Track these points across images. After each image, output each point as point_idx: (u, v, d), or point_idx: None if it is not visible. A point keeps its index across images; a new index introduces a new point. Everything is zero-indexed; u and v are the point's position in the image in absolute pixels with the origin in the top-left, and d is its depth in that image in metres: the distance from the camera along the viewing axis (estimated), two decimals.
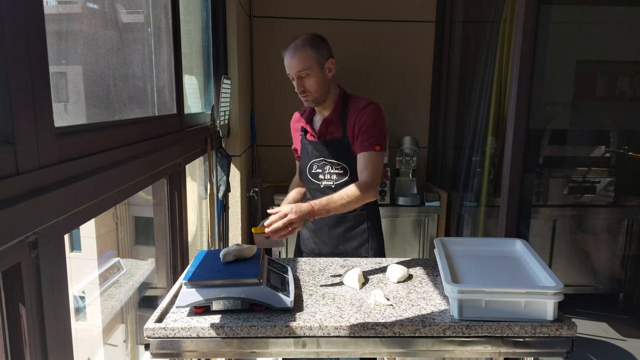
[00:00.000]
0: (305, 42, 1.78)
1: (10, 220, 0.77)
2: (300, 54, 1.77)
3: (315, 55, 1.78)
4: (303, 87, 1.81)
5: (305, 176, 1.98)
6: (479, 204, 3.17)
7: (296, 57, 1.77)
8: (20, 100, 0.83)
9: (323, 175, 1.92)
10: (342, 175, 1.89)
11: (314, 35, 1.83)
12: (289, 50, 1.80)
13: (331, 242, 1.97)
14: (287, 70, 1.82)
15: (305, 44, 1.78)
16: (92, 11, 1.36)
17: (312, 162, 1.94)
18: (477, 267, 1.56)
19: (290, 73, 1.81)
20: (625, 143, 3.27)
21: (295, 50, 1.78)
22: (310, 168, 1.95)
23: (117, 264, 2.26)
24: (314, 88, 1.80)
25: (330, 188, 1.91)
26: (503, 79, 2.99)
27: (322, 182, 1.93)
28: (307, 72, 1.78)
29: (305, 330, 1.30)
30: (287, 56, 1.80)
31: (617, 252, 3.37)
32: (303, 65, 1.77)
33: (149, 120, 1.67)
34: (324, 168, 1.91)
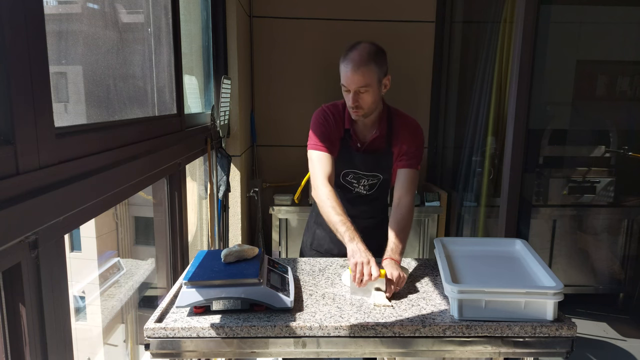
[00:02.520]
0: (371, 56, 1.66)
1: (10, 220, 0.77)
2: (364, 69, 1.64)
3: (378, 71, 1.67)
4: (358, 102, 1.69)
5: (337, 180, 1.88)
6: (479, 204, 3.17)
7: (360, 72, 1.64)
8: (20, 100, 0.83)
9: (357, 184, 1.89)
10: (375, 185, 1.90)
11: (378, 48, 1.72)
12: (350, 62, 1.65)
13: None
14: (345, 82, 1.68)
15: (370, 59, 1.65)
16: (92, 11, 1.36)
17: (347, 170, 1.87)
18: (477, 267, 1.56)
19: (349, 87, 1.68)
20: (625, 143, 3.27)
21: (360, 64, 1.64)
22: (345, 175, 1.89)
23: (117, 264, 2.26)
24: (367, 104, 1.70)
25: (361, 196, 1.90)
26: (503, 79, 2.99)
27: (355, 189, 1.90)
28: (367, 89, 1.66)
29: (305, 330, 1.30)
30: (349, 68, 1.65)
31: (617, 252, 3.37)
32: (365, 81, 1.65)
33: (149, 120, 1.67)
34: (360, 180, 1.88)
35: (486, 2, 3.31)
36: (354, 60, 1.65)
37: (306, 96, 3.48)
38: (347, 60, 1.67)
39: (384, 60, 1.73)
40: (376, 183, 1.89)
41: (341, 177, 1.90)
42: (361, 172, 1.87)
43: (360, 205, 1.92)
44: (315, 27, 3.44)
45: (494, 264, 1.60)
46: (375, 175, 1.88)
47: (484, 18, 3.33)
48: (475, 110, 3.21)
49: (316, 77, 3.46)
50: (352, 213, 1.91)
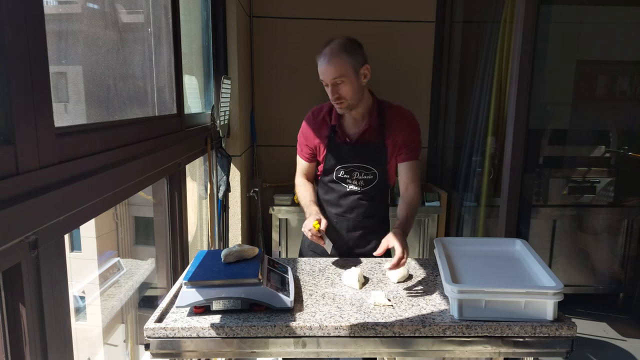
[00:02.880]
0: (341, 47, 1.71)
1: (10, 220, 0.77)
2: (335, 60, 1.70)
3: (351, 61, 1.71)
4: (338, 94, 1.74)
5: (330, 178, 1.92)
6: (479, 204, 3.17)
7: (332, 63, 1.70)
8: (20, 100, 0.83)
9: (351, 180, 1.89)
10: (371, 181, 1.88)
11: (350, 39, 1.75)
12: (323, 56, 1.73)
13: (347, 244, 1.95)
14: (321, 76, 1.75)
15: (340, 50, 1.70)
16: (92, 11, 1.36)
17: (341, 165, 1.88)
18: (477, 267, 1.56)
19: (325, 80, 1.74)
20: (625, 143, 3.27)
21: (331, 56, 1.70)
22: (337, 172, 1.90)
23: (117, 264, 2.26)
24: (349, 95, 1.74)
25: (355, 193, 1.89)
26: (503, 79, 2.99)
27: (349, 187, 1.89)
28: (343, 79, 1.71)
29: (305, 330, 1.30)
30: (322, 62, 1.73)
31: (617, 252, 3.37)
32: (339, 72, 1.70)
33: (149, 120, 1.67)
34: (352, 174, 1.88)
35: (486, 2, 3.31)
36: (325, 54, 1.73)
37: (306, 96, 3.47)
38: (320, 56, 1.75)
39: (358, 51, 1.76)
40: (371, 180, 1.88)
41: (334, 175, 1.91)
42: (351, 164, 1.87)
43: (356, 203, 1.90)
44: (315, 27, 3.44)
45: (494, 264, 1.60)
46: (369, 169, 1.86)
47: (484, 18, 3.33)
48: (475, 110, 3.21)
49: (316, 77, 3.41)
50: (348, 212, 1.91)
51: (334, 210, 1.95)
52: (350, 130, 1.88)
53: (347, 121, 1.89)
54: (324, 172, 1.95)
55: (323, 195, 1.99)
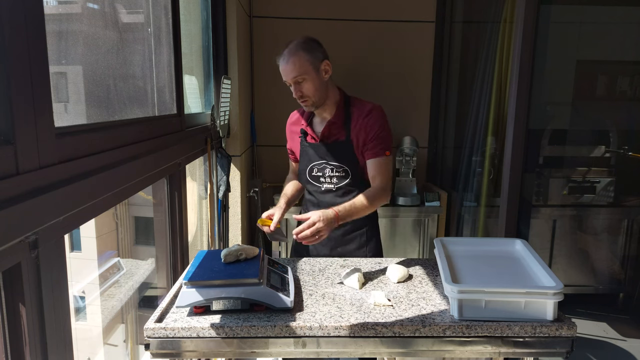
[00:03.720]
0: (298, 46, 1.76)
1: (10, 220, 0.77)
2: (293, 59, 1.75)
3: (310, 58, 1.76)
4: (301, 92, 1.79)
5: (305, 178, 1.97)
6: (479, 204, 3.17)
7: (290, 62, 1.75)
8: (20, 100, 0.83)
9: (324, 178, 1.91)
10: (344, 178, 1.89)
11: (307, 38, 1.80)
12: (282, 57, 1.78)
13: (329, 244, 1.96)
14: (283, 76, 1.80)
15: (298, 49, 1.76)
16: (92, 11, 1.36)
17: (312, 164, 1.93)
18: (477, 267, 1.56)
19: (287, 79, 1.79)
20: (625, 143, 3.27)
21: (289, 55, 1.76)
22: (310, 171, 1.94)
23: (117, 264, 2.26)
24: (311, 92, 1.79)
25: (331, 191, 1.91)
26: (503, 79, 2.99)
27: (323, 185, 1.92)
28: (303, 77, 1.76)
29: (305, 330, 1.30)
30: (282, 63, 1.78)
31: (617, 252, 3.37)
32: (298, 70, 1.75)
33: (149, 120, 1.67)
34: (324, 171, 1.91)
35: (486, 2, 3.31)
36: (284, 54, 1.80)
37: None
38: (280, 57, 1.80)
39: (315, 48, 1.79)
40: (344, 176, 1.89)
41: (308, 174, 1.95)
42: (321, 162, 1.90)
43: (333, 201, 1.89)
44: (315, 27, 3.44)
45: (494, 264, 1.60)
46: (339, 166, 1.88)
47: (484, 18, 3.33)
48: (475, 110, 3.21)
49: None
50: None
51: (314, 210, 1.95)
52: (317, 128, 1.93)
53: (316, 120, 1.94)
54: (300, 173, 2.00)
55: (306, 195, 2.04)
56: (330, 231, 1.67)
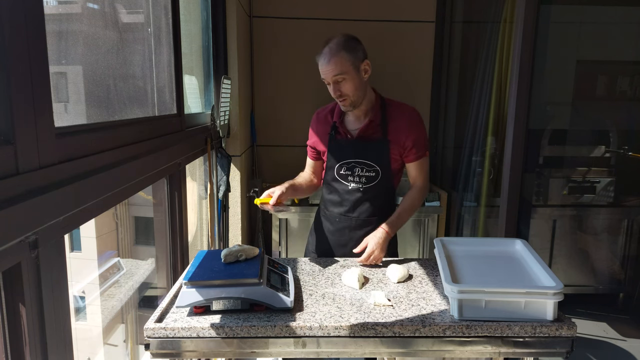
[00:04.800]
0: (340, 45, 1.73)
1: (10, 220, 0.77)
2: (335, 58, 1.71)
3: (351, 58, 1.73)
4: (340, 92, 1.76)
5: (332, 176, 1.93)
6: (479, 204, 3.16)
7: (332, 62, 1.71)
8: (20, 100, 0.83)
9: (352, 177, 1.89)
10: (373, 178, 1.88)
11: (348, 36, 1.77)
12: (323, 55, 1.74)
13: (349, 243, 1.94)
14: (323, 75, 1.77)
15: (340, 48, 1.72)
16: (92, 11, 1.36)
17: (341, 162, 1.90)
18: (477, 267, 1.56)
19: (326, 78, 1.76)
20: (625, 143, 3.26)
21: (331, 55, 1.72)
22: (339, 169, 1.91)
23: (117, 264, 2.26)
24: (351, 91, 1.76)
25: (358, 190, 1.89)
26: (503, 79, 2.99)
27: (351, 184, 1.90)
28: (344, 77, 1.73)
29: (305, 330, 1.30)
30: (322, 61, 1.74)
31: (617, 252, 3.37)
32: (339, 69, 1.71)
33: (149, 120, 1.67)
34: (354, 170, 1.88)
35: (486, 2, 3.30)
36: (324, 53, 1.75)
37: (306, 96, 3.48)
38: (320, 55, 1.77)
39: (357, 47, 1.78)
40: (374, 177, 1.87)
41: (336, 172, 1.92)
42: (353, 160, 1.88)
43: (358, 202, 1.90)
44: (315, 27, 3.44)
45: (494, 264, 1.60)
46: (371, 166, 1.86)
47: (484, 18, 3.33)
48: (475, 110, 3.21)
49: (316, 77, 3.42)
50: (351, 210, 1.91)
51: (337, 210, 1.95)
52: (351, 126, 1.90)
53: (350, 118, 1.91)
54: (326, 171, 1.96)
55: (327, 195, 2.00)
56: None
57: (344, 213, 1.93)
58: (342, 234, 1.96)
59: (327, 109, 1.98)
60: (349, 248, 1.94)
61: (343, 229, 1.95)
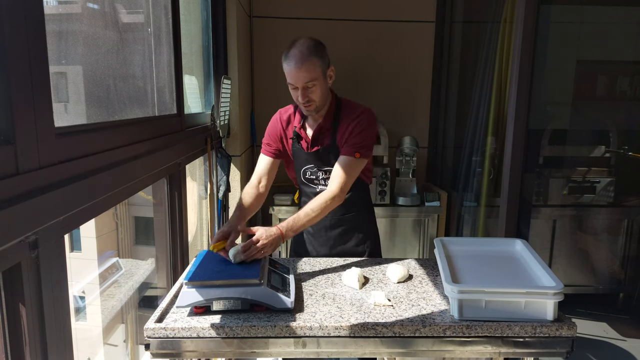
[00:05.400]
0: (310, 50, 1.68)
1: (10, 220, 0.77)
2: (307, 64, 1.66)
3: (321, 64, 1.70)
4: (308, 97, 1.72)
5: (300, 180, 1.95)
6: (479, 204, 3.16)
7: (304, 68, 1.66)
8: (20, 100, 0.83)
9: (317, 181, 1.90)
10: None
11: (317, 42, 1.73)
12: (293, 59, 1.67)
13: (328, 243, 1.96)
14: (291, 80, 1.71)
15: (310, 53, 1.67)
16: (92, 11, 1.36)
17: (305, 168, 1.91)
18: (477, 267, 1.56)
19: (296, 83, 1.70)
20: (625, 143, 3.26)
21: (302, 60, 1.66)
22: (304, 173, 1.92)
23: (115, 264, 2.26)
24: (318, 97, 1.73)
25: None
26: (503, 79, 2.99)
27: (318, 187, 1.91)
28: (314, 83, 1.69)
29: (305, 330, 1.30)
30: (292, 65, 1.67)
31: (617, 252, 3.37)
32: (311, 76, 1.68)
33: (149, 120, 1.67)
34: (317, 174, 1.90)
35: (486, 2, 3.30)
36: (295, 57, 1.67)
37: None
38: (289, 59, 1.69)
39: (325, 52, 1.75)
40: None
41: (302, 176, 1.93)
42: (312, 166, 1.89)
43: None
44: (315, 27, 3.43)
45: (494, 264, 1.60)
46: (330, 170, 1.84)
47: (484, 18, 3.33)
48: (475, 110, 3.21)
49: None
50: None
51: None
52: (309, 132, 1.89)
53: (309, 122, 1.90)
54: (296, 174, 1.98)
55: (302, 197, 2.02)
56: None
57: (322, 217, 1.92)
58: (320, 234, 1.97)
59: (290, 111, 1.93)
60: (328, 248, 1.95)
61: (320, 230, 1.96)
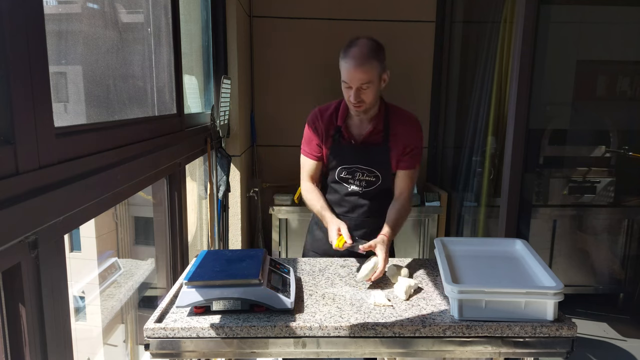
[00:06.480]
0: (372, 52, 1.67)
1: (10, 220, 0.77)
2: (368, 66, 1.65)
3: (379, 68, 1.69)
4: (360, 98, 1.70)
5: (333, 178, 1.92)
6: (479, 204, 3.17)
7: (362, 69, 1.65)
8: (20, 100, 0.83)
9: (352, 180, 1.88)
10: (373, 183, 1.87)
11: (378, 44, 1.72)
12: (352, 58, 1.65)
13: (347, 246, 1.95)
14: (347, 79, 1.68)
15: (371, 55, 1.66)
16: (92, 11, 1.36)
17: (342, 166, 1.88)
18: (477, 267, 1.56)
19: (351, 83, 1.68)
20: (625, 143, 3.27)
21: (363, 61, 1.65)
22: (339, 172, 1.90)
23: (115, 264, 2.26)
24: (369, 99, 1.72)
25: (357, 193, 1.89)
26: (503, 79, 2.99)
27: (350, 187, 1.89)
28: (369, 85, 1.69)
29: (305, 330, 1.30)
30: (351, 64, 1.65)
31: (617, 252, 3.37)
32: (368, 78, 1.66)
33: (149, 120, 1.67)
34: (354, 174, 1.88)
35: (486, 2, 3.31)
36: (355, 57, 1.65)
37: (306, 96, 3.47)
38: (348, 57, 1.67)
39: (384, 56, 1.74)
40: (374, 182, 1.87)
41: (336, 175, 1.91)
42: (354, 165, 1.87)
43: (357, 203, 1.90)
44: (315, 27, 3.44)
45: (494, 264, 1.59)
46: (371, 171, 1.86)
47: (484, 18, 3.33)
48: (475, 110, 3.21)
49: (316, 77, 3.46)
50: (350, 211, 1.91)
51: (336, 210, 1.95)
52: (355, 131, 1.87)
53: (354, 122, 1.87)
54: (326, 173, 1.95)
55: (327, 195, 1.98)
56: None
57: (343, 213, 1.93)
58: None
59: (330, 108, 1.90)
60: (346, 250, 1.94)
61: None
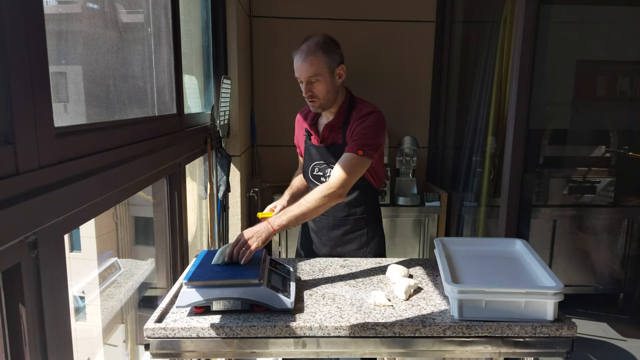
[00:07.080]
0: (318, 45, 1.71)
1: (10, 220, 0.77)
2: (312, 58, 1.71)
3: (327, 60, 1.72)
4: (311, 92, 1.76)
5: (307, 177, 1.98)
6: (479, 204, 3.17)
7: (307, 61, 1.71)
8: (20, 100, 0.83)
9: (325, 178, 1.90)
10: None
11: (327, 38, 1.76)
12: (300, 52, 1.73)
13: (329, 243, 1.97)
14: (297, 73, 1.77)
15: (317, 48, 1.71)
16: (92, 11, 1.36)
17: (313, 164, 1.94)
18: (477, 267, 1.56)
19: (300, 77, 1.76)
20: (625, 143, 3.27)
21: (307, 53, 1.71)
22: (312, 170, 1.94)
23: (114, 264, 2.26)
24: (322, 94, 1.76)
25: None
26: (503, 79, 2.99)
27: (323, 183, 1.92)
28: (317, 78, 1.72)
29: (305, 330, 1.30)
30: (298, 58, 1.74)
31: (617, 252, 3.37)
32: (314, 70, 1.71)
33: (149, 120, 1.67)
34: (325, 171, 1.91)
35: (486, 2, 3.31)
36: (302, 51, 1.74)
37: None
38: (296, 52, 1.76)
39: (335, 50, 1.76)
40: None
41: (309, 174, 1.95)
42: (321, 163, 1.90)
43: None
44: (315, 27, 3.43)
45: (494, 264, 1.59)
46: None
47: (484, 18, 3.33)
48: (475, 110, 3.21)
49: None
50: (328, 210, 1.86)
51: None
52: (321, 129, 1.91)
53: (322, 120, 1.93)
54: (303, 171, 2.01)
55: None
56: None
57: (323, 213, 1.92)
58: (322, 233, 1.98)
59: (306, 109, 1.98)
60: (329, 248, 1.96)
61: (322, 229, 1.98)
